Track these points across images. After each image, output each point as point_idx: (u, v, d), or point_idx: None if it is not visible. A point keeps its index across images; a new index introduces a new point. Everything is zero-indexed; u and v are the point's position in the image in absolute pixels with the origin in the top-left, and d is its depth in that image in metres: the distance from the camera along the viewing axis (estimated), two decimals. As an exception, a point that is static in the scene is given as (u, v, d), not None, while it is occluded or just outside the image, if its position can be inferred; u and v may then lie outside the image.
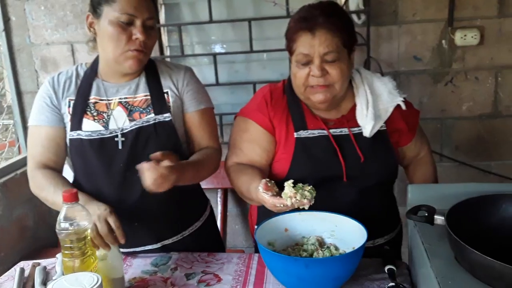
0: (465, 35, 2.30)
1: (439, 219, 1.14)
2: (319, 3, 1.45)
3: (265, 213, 1.47)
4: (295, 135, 1.46)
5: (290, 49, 1.44)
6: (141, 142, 1.44)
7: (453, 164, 2.48)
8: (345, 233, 1.33)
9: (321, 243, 1.34)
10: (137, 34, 1.37)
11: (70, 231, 1.14)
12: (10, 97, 2.68)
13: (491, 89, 2.40)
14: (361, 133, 1.47)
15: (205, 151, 1.51)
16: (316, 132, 1.46)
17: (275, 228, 1.35)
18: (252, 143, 1.50)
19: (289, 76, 1.54)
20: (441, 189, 1.33)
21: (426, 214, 1.16)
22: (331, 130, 1.47)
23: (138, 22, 1.37)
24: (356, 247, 1.21)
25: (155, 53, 2.39)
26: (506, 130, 2.43)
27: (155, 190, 1.22)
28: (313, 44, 1.36)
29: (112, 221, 1.22)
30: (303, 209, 1.26)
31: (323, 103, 1.44)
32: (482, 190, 1.24)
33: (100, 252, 1.22)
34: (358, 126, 1.48)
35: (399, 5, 2.33)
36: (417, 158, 1.64)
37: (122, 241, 1.23)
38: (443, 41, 2.36)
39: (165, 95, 1.50)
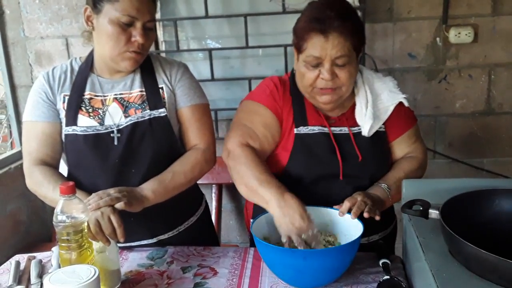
0: (459, 33, 2.32)
1: (433, 213, 1.15)
2: (331, 1, 1.40)
3: (261, 208, 1.48)
4: (295, 131, 1.46)
5: (299, 47, 1.40)
6: (136, 138, 1.44)
7: (446, 160, 2.50)
8: (340, 227, 1.34)
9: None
10: (137, 36, 1.36)
11: (67, 224, 1.14)
12: (4, 91, 2.67)
13: (485, 87, 2.42)
14: (361, 132, 1.47)
15: (184, 159, 1.47)
16: (316, 129, 1.46)
17: (271, 223, 1.36)
18: (266, 128, 1.47)
19: (292, 71, 1.54)
20: (436, 184, 1.34)
21: (421, 208, 1.17)
22: (331, 128, 1.47)
23: (138, 24, 1.36)
24: (348, 238, 1.24)
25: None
26: (499, 128, 2.46)
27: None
28: (325, 47, 1.34)
29: (114, 219, 1.22)
30: None
31: (328, 104, 1.44)
32: (476, 185, 1.26)
33: (98, 245, 1.23)
34: (357, 125, 1.48)
35: (394, 2, 2.35)
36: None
37: (122, 240, 1.23)
38: (437, 39, 2.38)
39: (161, 90, 1.50)
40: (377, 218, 1.29)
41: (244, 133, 1.46)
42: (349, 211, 1.31)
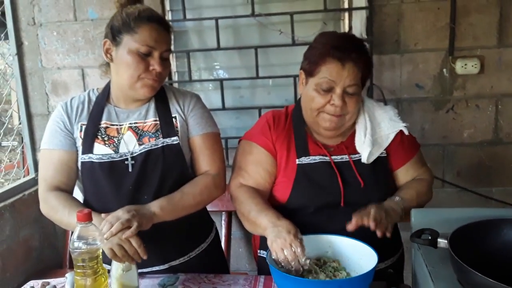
0: (465, 64, 2.36)
1: (442, 242, 1.17)
2: (347, 34, 1.50)
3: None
4: (297, 161, 1.50)
5: (311, 70, 1.46)
6: (150, 165, 1.48)
7: (455, 189, 2.51)
8: (340, 252, 1.37)
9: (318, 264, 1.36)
10: (155, 65, 1.43)
11: (83, 250, 1.17)
12: (19, 120, 2.73)
13: (492, 117, 2.45)
14: (361, 159, 1.51)
15: (193, 182, 1.52)
16: (317, 158, 1.50)
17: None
18: (257, 165, 1.54)
19: (297, 101, 1.59)
20: (444, 213, 1.36)
21: (430, 238, 1.19)
22: (332, 157, 1.51)
23: (156, 54, 1.43)
24: (350, 262, 1.27)
25: (163, 78, 2.45)
26: (507, 157, 2.47)
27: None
28: (341, 74, 1.41)
29: (134, 241, 1.28)
30: None
31: (330, 130, 1.48)
32: (484, 215, 1.27)
33: (124, 265, 1.29)
34: (357, 152, 1.52)
35: (401, 34, 2.41)
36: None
37: (145, 257, 1.29)
38: (444, 70, 2.42)
39: (174, 119, 1.55)
40: (388, 235, 1.31)
41: (238, 175, 1.57)
42: (360, 240, 1.33)
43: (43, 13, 2.58)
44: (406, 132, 1.53)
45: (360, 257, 1.32)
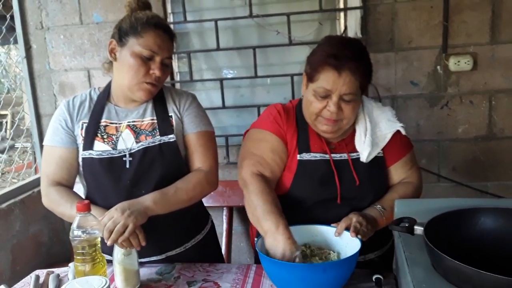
0: (458, 61, 2.41)
1: (418, 229, 1.22)
2: (349, 41, 1.51)
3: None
4: (298, 157, 1.56)
5: (311, 76, 1.48)
6: (147, 161, 1.56)
7: (451, 184, 2.56)
8: (327, 241, 1.45)
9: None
10: (155, 69, 1.52)
11: (82, 238, 1.26)
12: (29, 120, 2.84)
13: (486, 112, 2.49)
14: (359, 158, 1.56)
15: (186, 178, 1.58)
16: (318, 156, 1.55)
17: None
18: (273, 153, 1.56)
19: (301, 99, 1.63)
20: (426, 203, 1.41)
21: (407, 225, 1.25)
22: (332, 155, 1.56)
23: (157, 59, 1.52)
24: (336, 249, 1.35)
25: (165, 78, 2.54)
26: (501, 152, 2.51)
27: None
28: (337, 82, 1.43)
29: (137, 231, 1.40)
30: None
31: (328, 133, 1.54)
32: (463, 204, 1.32)
33: (123, 250, 1.39)
34: (356, 151, 1.57)
35: (396, 33, 2.46)
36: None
37: (144, 243, 1.41)
38: (438, 67, 2.47)
39: (170, 118, 1.62)
40: (364, 239, 1.37)
41: (255, 162, 1.55)
42: (346, 229, 1.40)
43: (50, 17, 2.69)
44: (403, 132, 1.58)
45: (345, 244, 1.40)
